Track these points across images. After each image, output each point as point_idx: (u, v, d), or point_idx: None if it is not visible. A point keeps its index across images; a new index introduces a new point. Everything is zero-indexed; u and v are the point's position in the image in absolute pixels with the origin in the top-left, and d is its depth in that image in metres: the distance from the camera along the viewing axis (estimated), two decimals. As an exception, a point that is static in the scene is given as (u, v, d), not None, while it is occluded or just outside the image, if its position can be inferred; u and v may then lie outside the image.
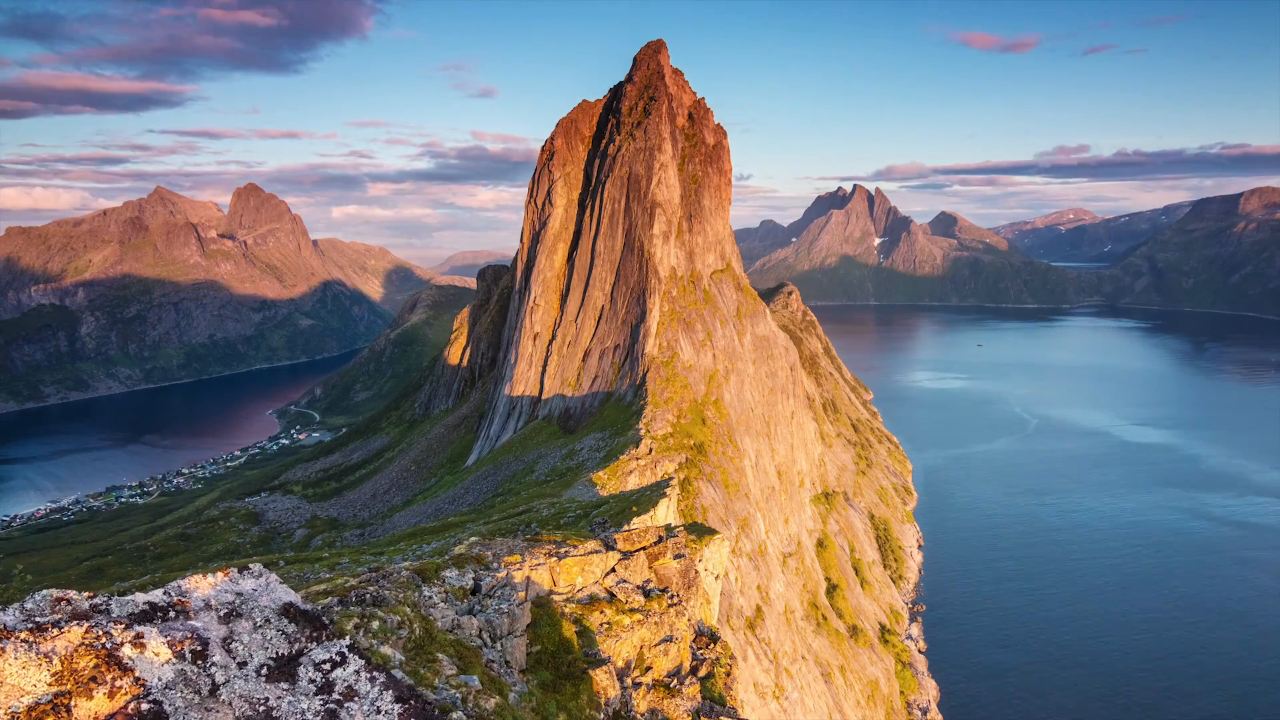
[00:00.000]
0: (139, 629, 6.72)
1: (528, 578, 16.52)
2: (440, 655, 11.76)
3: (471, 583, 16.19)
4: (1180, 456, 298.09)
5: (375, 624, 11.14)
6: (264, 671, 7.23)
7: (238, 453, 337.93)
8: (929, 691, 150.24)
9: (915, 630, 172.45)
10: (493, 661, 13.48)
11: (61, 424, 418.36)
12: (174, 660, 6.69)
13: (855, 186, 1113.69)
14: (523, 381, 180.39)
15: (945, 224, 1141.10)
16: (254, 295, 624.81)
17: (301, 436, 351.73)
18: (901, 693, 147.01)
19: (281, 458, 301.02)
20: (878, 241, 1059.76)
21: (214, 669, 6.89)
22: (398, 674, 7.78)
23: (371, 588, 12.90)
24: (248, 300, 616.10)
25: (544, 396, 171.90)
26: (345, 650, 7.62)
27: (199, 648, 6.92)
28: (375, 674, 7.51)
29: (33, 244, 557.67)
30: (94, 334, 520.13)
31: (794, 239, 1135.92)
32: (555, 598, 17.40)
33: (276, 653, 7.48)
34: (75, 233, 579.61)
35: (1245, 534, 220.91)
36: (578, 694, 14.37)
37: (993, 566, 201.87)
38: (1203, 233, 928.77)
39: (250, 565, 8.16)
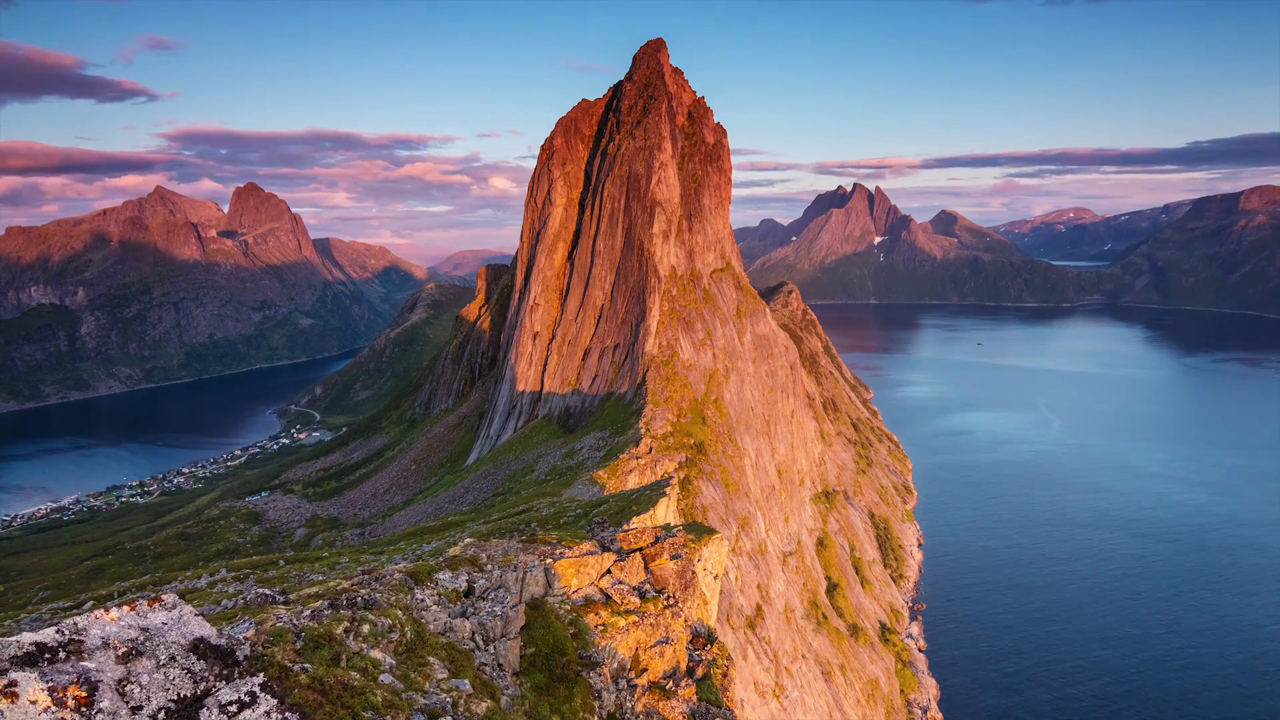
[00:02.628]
0: (15, 675, 6.04)
1: (522, 580, 16.43)
2: (431, 659, 11.65)
3: (465, 585, 16.10)
4: (1181, 456, 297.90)
5: (365, 627, 11.03)
6: (161, 716, 6.59)
7: (238, 452, 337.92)
8: (929, 690, 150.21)
9: (915, 629, 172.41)
10: (485, 665, 13.38)
11: (62, 424, 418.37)
12: (53, 708, 6.00)
13: (855, 185, 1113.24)
14: (523, 380, 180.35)
15: (945, 223, 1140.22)
16: (254, 295, 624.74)
17: (302, 436, 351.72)
18: (901, 691, 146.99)
19: (282, 457, 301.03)
20: (878, 240, 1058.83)
21: (100, 716, 6.20)
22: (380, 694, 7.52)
23: (363, 590, 12.80)
24: (248, 300, 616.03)
25: (544, 395, 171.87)
26: (256, 689, 7.05)
27: (86, 692, 6.22)
28: (288, 715, 6.97)
29: (32, 243, 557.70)
30: (94, 333, 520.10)
31: (794, 238, 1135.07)
32: (550, 600, 17.31)
33: (178, 694, 6.80)
34: (75, 232, 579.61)
35: (1247, 533, 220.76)
36: (571, 697, 14.28)
37: (993, 565, 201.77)
38: (1203, 231, 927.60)
39: (164, 597, 7.52)
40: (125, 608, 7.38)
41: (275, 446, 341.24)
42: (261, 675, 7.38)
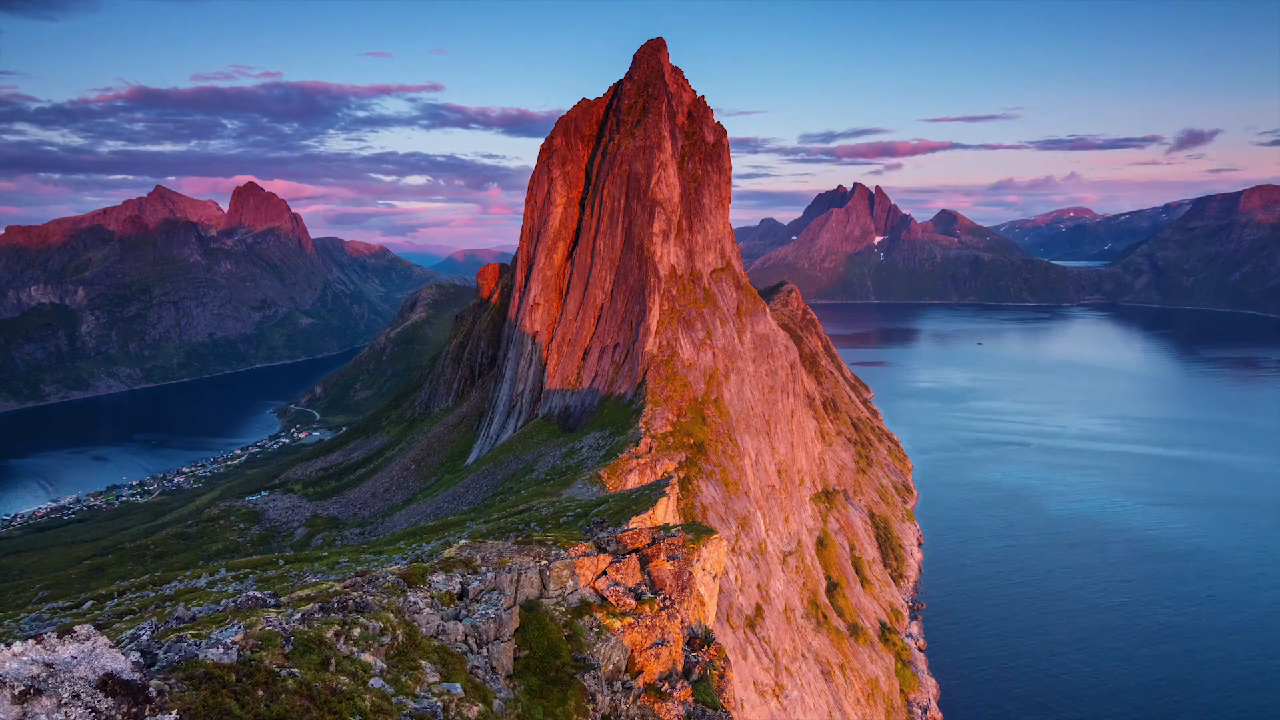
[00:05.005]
0: None
1: (516, 582, 16.33)
2: (423, 662, 11.55)
3: (459, 587, 16.00)
4: (1182, 455, 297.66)
5: (356, 631, 10.94)
6: None
7: (238, 451, 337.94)
8: (929, 690, 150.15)
9: (915, 628, 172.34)
10: (478, 668, 13.27)
11: (62, 423, 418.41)
12: None
13: (856, 185, 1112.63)
14: (522, 380, 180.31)
15: (945, 222, 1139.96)
16: (254, 294, 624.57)
17: (302, 435, 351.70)
18: (901, 691, 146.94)
19: (282, 456, 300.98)
20: (878, 240, 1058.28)
21: None
22: None
23: (355, 593, 12.69)
24: (248, 299, 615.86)
25: (544, 395, 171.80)
26: None
27: None
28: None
29: (33, 242, 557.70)
30: (94, 333, 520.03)
31: (794, 237, 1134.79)
32: (545, 602, 17.22)
33: None
34: (75, 231, 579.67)
35: (1249, 533, 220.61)
36: (565, 699, 14.19)
37: (993, 565, 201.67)
38: (1203, 230, 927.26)
39: (76, 628, 6.93)
40: (32, 641, 6.84)
41: (275, 446, 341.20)
42: (175, 712, 6.93)
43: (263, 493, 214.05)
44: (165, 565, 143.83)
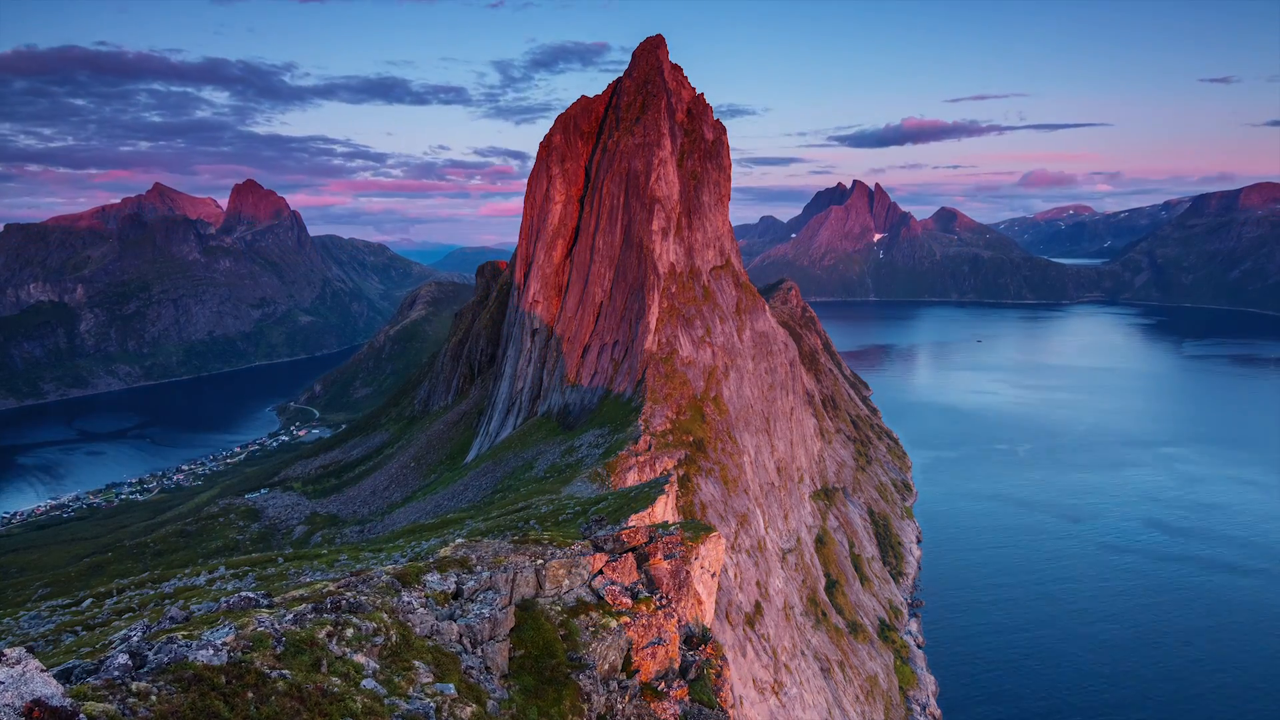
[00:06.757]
0: None
1: (512, 581, 16.28)
2: (417, 663, 11.49)
3: (454, 586, 15.94)
4: (1182, 450, 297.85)
5: (349, 631, 10.87)
6: None
7: (238, 449, 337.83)
8: (928, 687, 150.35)
9: (914, 626, 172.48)
10: (472, 668, 13.21)
11: (61, 421, 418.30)
12: None
13: (855, 183, 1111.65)
14: (522, 378, 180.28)
15: (945, 220, 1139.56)
16: (253, 292, 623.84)
17: (301, 433, 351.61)
18: (901, 688, 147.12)
19: (281, 454, 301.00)
20: (877, 238, 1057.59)
21: None
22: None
23: (349, 593, 12.62)
24: (247, 297, 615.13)
25: (543, 392, 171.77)
26: None
27: None
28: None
29: (32, 241, 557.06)
30: (93, 331, 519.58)
31: (793, 235, 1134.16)
32: (541, 601, 17.17)
33: None
34: (74, 229, 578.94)
35: (1248, 533, 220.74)
36: (560, 699, 14.14)
37: (992, 562, 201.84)
38: (1203, 228, 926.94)
39: (7, 652, 6.65)
40: (-41, 668, 6.44)
41: (275, 444, 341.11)
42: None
43: (262, 490, 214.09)
44: (165, 563, 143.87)
